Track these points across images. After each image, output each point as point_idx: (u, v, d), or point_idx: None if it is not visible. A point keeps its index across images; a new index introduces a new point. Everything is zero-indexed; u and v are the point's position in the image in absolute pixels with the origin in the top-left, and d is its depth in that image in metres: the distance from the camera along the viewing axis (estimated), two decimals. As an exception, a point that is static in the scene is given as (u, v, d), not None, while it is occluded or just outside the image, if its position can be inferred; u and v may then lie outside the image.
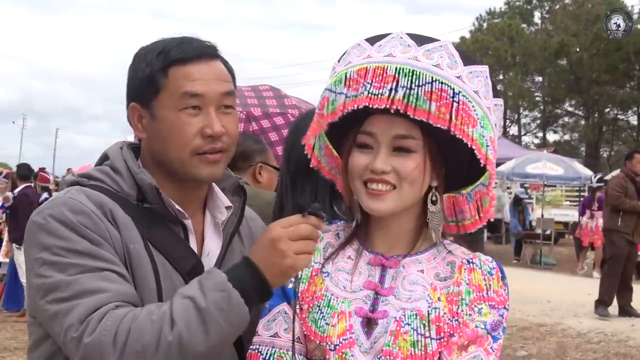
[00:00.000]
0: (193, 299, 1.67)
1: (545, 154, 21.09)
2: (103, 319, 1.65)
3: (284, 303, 1.85)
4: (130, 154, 1.94)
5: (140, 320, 1.65)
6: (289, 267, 1.71)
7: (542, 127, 52.33)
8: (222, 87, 1.89)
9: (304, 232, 1.72)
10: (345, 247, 1.89)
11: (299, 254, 1.71)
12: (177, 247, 1.88)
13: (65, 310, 1.68)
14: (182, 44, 1.89)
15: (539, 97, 50.86)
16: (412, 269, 1.84)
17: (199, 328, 1.65)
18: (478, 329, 1.76)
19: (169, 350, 1.64)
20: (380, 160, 1.75)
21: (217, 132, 1.85)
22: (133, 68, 1.92)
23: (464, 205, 1.91)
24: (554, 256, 19.76)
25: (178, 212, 1.89)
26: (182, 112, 1.84)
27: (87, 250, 1.73)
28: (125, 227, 1.81)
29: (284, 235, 1.70)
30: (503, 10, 52.04)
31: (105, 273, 1.72)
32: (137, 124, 1.92)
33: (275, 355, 1.80)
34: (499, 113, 1.86)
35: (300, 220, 1.73)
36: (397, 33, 1.81)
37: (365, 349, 1.76)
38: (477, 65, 1.79)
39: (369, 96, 1.71)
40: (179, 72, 1.85)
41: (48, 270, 1.73)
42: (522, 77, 49.26)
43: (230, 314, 1.67)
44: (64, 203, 1.79)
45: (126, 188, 1.87)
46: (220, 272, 1.72)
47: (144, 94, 1.88)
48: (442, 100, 1.70)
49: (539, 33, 48.72)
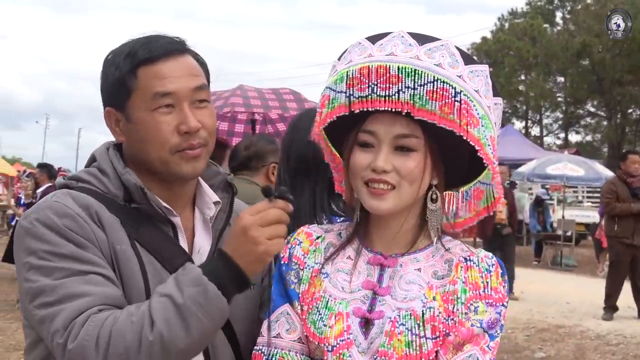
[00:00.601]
0: (170, 296, 1.69)
1: (566, 155, 21.00)
2: (85, 323, 1.67)
3: (287, 304, 1.86)
4: (116, 154, 1.93)
5: (120, 323, 1.67)
6: (263, 253, 1.73)
7: (564, 128, 51.95)
8: (193, 82, 1.88)
9: (273, 216, 1.74)
10: (345, 246, 1.90)
11: (271, 239, 1.72)
12: (166, 245, 1.88)
13: (52, 316, 1.69)
14: (148, 42, 1.87)
15: (561, 98, 50.48)
16: (410, 267, 1.84)
17: (179, 325, 1.67)
18: (474, 328, 1.76)
19: (151, 349, 1.66)
20: (382, 159, 1.76)
21: (192, 127, 1.85)
22: (104, 72, 1.91)
23: (460, 203, 1.92)
24: (575, 258, 19.63)
25: (166, 210, 1.89)
26: (156, 111, 1.84)
27: (72, 254, 1.74)
28: (112, 229, 1.82)
29: (253, 222, 1.72)
30: (525, 11, 51.74)
31: (90, 276, 1.73)
32: (115, 128, 1.92)
33: (277, 355, 1.82)
34: (499, 112, 1.87)
35: (268, 206, 1.75)
36: (398, 32, 1.82)
37: (363, 349, 1.77)
38: (477, 64, 1.80)
39: (377, 99, 1.72)
40: (149, 72, 1.84)
41: (35, 274, 1.74)
42: (544, 77, 48.90)
43: (209, 307, 1.69)
44: (49, 207, 1.80)
45: (113, 189, 1.87)
46: (194, 266, 1.74)
47: (117, 98, 1.88)
48: (445, 99, 1.71)
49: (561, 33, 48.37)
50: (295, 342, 1.83)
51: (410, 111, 1.71)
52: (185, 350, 1.70)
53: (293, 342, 1.83)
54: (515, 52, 46.86)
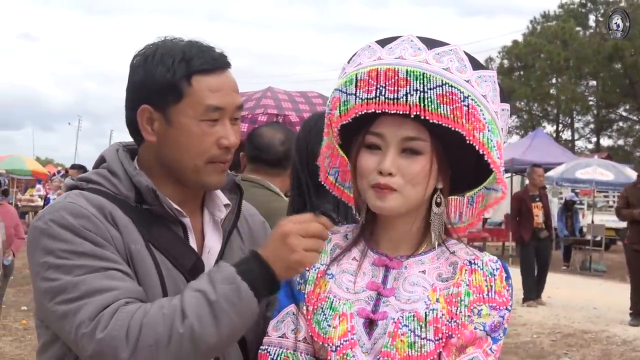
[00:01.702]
0: (203, 292, 1.70)
1: (596, 160, 20.78)
2: (115, 314, 1.68)
3: (292, 305, 1.89)
4: (127, 156, 1.95)
5: (151, 315, 1.69)
6: (297, 262, 1.75)
7: (596, 132, 51.45)
8: (237, 99, 1.92)
9: (314, 230, 1.76)
10: (351, 248, 1.92)
11: (307, 251, 1.74)
12: (177, 246, 1.90)
13: (75, 309, 1.70)
14: (203, 52, 1.89)
15: (592, 102, 50.03)
16: (414, 269, 1.85)
17: (210, 320, 1.69)
18: (477, 331, 1.77)
19: (181, 342, 1.67)
20: (389, 161, 1.77)
21: (232, 144, 1.90)
22: (146, 69, 1.89)
23: (464, 208, 1.93)
24: (605, 263, 19.45)
25: (176, 211, 1.91)
26: (204, 122, 1.86)
27: (90, 252, 1.76)
28: (126, 229, 1.84)
29: (295, 230, 1.74)
30: (557, 14, 51.37)
31: (111, 272, 1.75)
32: (146, 126, 1.91)
33: (282, 355, 1.84)
34: (506, 118, 1.88)
35: (312, 219, 1.77)
36: (407, 36, 1.83)
37: (367, 350, 1.79)
38: (485, 70, 1.81)
39: (386, 101, 1.73)
40: (202, 82, 1.86)
41: (54, 273, 1.75)
42: (576, 81, 48.52)
43: (240, 306, 1.71)
44: (64, 207, 1.82)
45: (124, 190, 1.89)
46: (229, 265, 1.75)
47: (161, 98, 1.87)
48: (455, 103, 1.72)
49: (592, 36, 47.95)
50: (301, 342, 1.85)
51: (422, 114, 1.72)
52: (214, 346, 1.72)
53: (298, 342, 1.85)
54: (547, 55, 46.53)
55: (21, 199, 26.49)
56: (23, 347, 9.45)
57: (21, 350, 9.31)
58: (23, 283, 12.80)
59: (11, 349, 9.40)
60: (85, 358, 1.73)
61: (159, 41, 1.94)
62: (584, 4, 51.48)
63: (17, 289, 12.85)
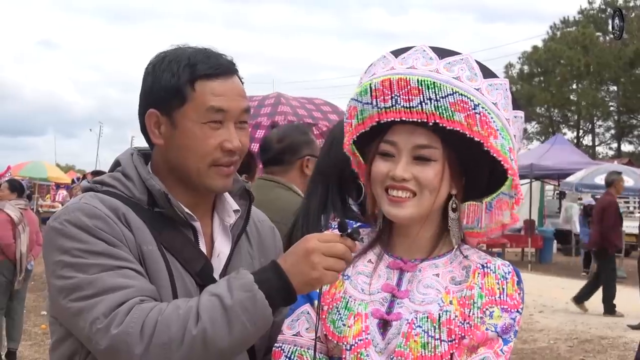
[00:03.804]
0: (220, 296, 1.74)
1: (615, 165, 20.69)
2: (130, 312, 1.72)
3: (307, 304, 1.93)
4: (141, 160, 2.00)
5: (167, 314, 1.72)
6: (316, 280, 1.77)
7: (617, 138, 51.15)
8: (242, 103, 1.96)
9: (338, 250, 1.77)
10: (367, 251, 1.96)
11: (328, 270, 1.77)
12: (188, 248, 1.94)
13: (90, 306, 1.74)
14: (208, 58, 1.94)
15: (613, 107, 49.76)
16: (428, 272, 1.89)
17: (223, 325, 1.71)
18: (488, 332, 1.81)
19: (193, 344, 1.71)
20: (401, 168, 1.82)
21: (236, 147, 1.92)
22: (154, 75, 1.95)
23: (483, 214, 1.95)
24: (625, 269, 19.31)
25: (187, 215, 1.95)
26: (206, 125, 1.90)
27: (105, 251, 1.80)
28: (139, 230, 1.88)
29: (319, 249, 1.76)
30: (577, 19, 51.17)
31: (125, 271, 1.80)
32: (154, 130, 1.96)
33: (296, 353, 1.88)
34: (519, 125, 1.90)
35: (338, 239, 1.79)
36: (420, 46, 1.87)
37: (381, 349, 1.82)
38: (496, 78, 1.85)
39: (401, 109, 1.78)
40: (206, 87, 1.90)
41: (69, 271, 1.80)
42: (596, 86, 48.28)
43: (254, 314, 1.73)
44: (79, 209, 1.87)
45: (137, 193, 1.94)
46: (248, 272, 1.78)
47: (166, 103, 1.92)
48: (467, 111, 1.77)
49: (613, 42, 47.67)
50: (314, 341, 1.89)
51: (439, 122, 1.77)
52: (225, 351, 1.75)
53: (312, 340, 1.88)
54: (567, 60, 46.35)
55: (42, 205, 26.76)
56: (42, 351, 9.51)
57: (40, 354, 9.40)
58: (42, 288, 12.87)
59: (30, 353, 9.51)
60: (99, 353, 1.77)
61: (170, 49, 2.00)
62: (604, 10, 51.23)
63: (37, 294, 12.98)
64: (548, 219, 27.12)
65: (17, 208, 8.99)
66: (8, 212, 8.74)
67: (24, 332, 9.63)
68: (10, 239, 8.63)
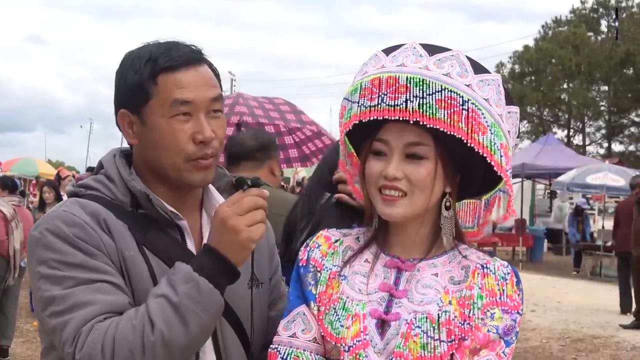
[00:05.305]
0: (165, 296, 1.73)
1: (607, 165, 20.74)
2: (90, 332, 1.72)
3: (303, 305, 1.91)
4: (122, 161, 1.97)
5: (121, 328, 1.72)
6: (246, 240, 1.77)
7: (608, 137, 51.36)
8: (210, 92, 1.91)
9: (248, 204, 1.79)
10: (363, 250, 1.94)
11: (250, 226, 1.77)
12: (174, 249, 1.91)
13: (62, 325, 1.75)
14: (169, 50, 1.90)
15: (604, 107, 49.97)
16: (427, 272, 1.88)
17: (178, 322, 1.71)
18: (490, 334, 1.79)
19: (154, 349, 1.70)
20: (393, 167, 1.80)
21: (207, 137, 1.88)
22: (120, 74, 1.93)
23: (481, 212, 1.96)
24: (615, 268, 19.39)
25: (172, 214, 1.92)
26: (173, 119, 1.86)
27: (81, 263, 1.78)
28: (120, 235, 1.85)
29: (231, 212, 1.77)
30: (569, 19, 51.33)
31: (98, 285, 1.77)
32: (127, 130, 1.94)
33: (292, 354, 1.87)
34: (514, 120, 1.88)
35: (243, 195, 1.80)
36: (410, 44, 1.86)
37: (379, 350, 1.81)
38: (488, 73, 1.83)
39: (387, 108, 1.77)
40: (168, 80, 1.87)
41: (45, 283, 1.79)
42: (587, 86, 48.47)
43: (204, 301, 1.73)
44: (58, 216, 1.84)
45: (120, 195, 1.91)
46: (184, 265, 1.77)
47: (133, 101, 1.90)
48: (453, 108, 1.75)
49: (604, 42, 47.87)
50: (311, 342, 1.87)
51: (420, 120, 1.75)
52: (187, 346, 1.75)
53: (308, 342, 1.87)
54: (558, 60, 46.51)
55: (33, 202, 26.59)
56: (34, 348, 9.51)
57: (32, 351, 9.38)
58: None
59: (22, 350, 9.48)
60: None
61: (137, 47, 1.97)
62: (596, 10, 51.44)
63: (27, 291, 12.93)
64: (539, 218, 27.26)
65: (9, 204, 8.94)
66: (0, 209, 8.69)
67: (16, 329, 9.58)
68: (3, 235, 8.57)
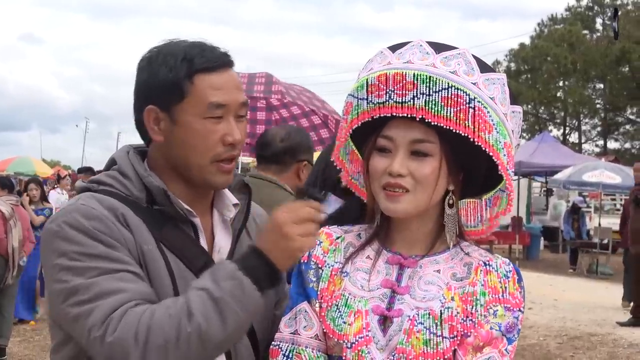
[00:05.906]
0: (207, 289, 1.72)
1: (603, 162, 20.73)
2: (123, 317, 1.70)
3: (305, 302, 1.91)
4: (137, 157, 1.97)
5: (158, 316, 1.70)
6: (296, 249, 1.77)
7: (603, 135, 51.41)
8: (240, 96, 1.93)
9: (306, 215, 1.78)
10: (365, 247, 1.94)
11: (303, 236, 1.77)
12: (188, 246, 1.92)
13: (87, 312, 1.72)
14: (204, 51, 1.91)
15: (599, 105, 50.01)
16: (429, 269, 1.88)
17: (216, 317, 1.70)
18: (493, 331, 1.80)
19: (189, 341, 1.69)
20: (398, 163, 1.80)
21: (237, 140, 1.90)
22: (149, 71, 1.92)
23: (483, 211, 1.96)
24: (611, 266, 19.42)
25: (187, 211, 1.93)
26: (207, 120, 1.88)
27: (102, 254, 1.78)
28: (138, 230, 1.85)
29: (288, 219, 1.76)
30: (565, 17, 51.37)
31: (122, 274, 1.77)
32: (153, 127, 1.93)
33: (294, 351, 1.87)
34: (517, 120, 1.90)
35: (302, 205, 1.80)
36: (417, 41, 1.87)
37: (382, 346, 1.81)
38: (494, 72, 1.84)
39: (394, 104, 1.78)
40: (205, 81, 1.88)
41: (67, 275, 1.77)
42: (583, 84, 48.50)
43: (245, 300, 1.73)
44: (76, 210, 1.83)
45: (135, 191, 1.91)
46: (229, 262, 1.78)
47: (165, 98, 1.89)
48: (459, 106, 1.75)
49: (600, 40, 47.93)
50: (312, 339, 1.88)
51: (425, 117, 1.76)
52: (222, 342, 1.74)
53: (310, 338, 1.88)
54: (554, 58, 46.53)
55: (29, 201, 26.43)
56: (31, 347, 9.50)
57: (30, 350, 9.36)
58: (32, 284, 12.83)
59: (19, 350, 9.45)
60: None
61: (163, 43, 1.97)
62: (591, 7, 51.50)
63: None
64: (535, 216, 27.25)
65: (7, 204, 8.93)
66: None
67: (13, 328, 9.57)
68: (2, 233, 8.55)
